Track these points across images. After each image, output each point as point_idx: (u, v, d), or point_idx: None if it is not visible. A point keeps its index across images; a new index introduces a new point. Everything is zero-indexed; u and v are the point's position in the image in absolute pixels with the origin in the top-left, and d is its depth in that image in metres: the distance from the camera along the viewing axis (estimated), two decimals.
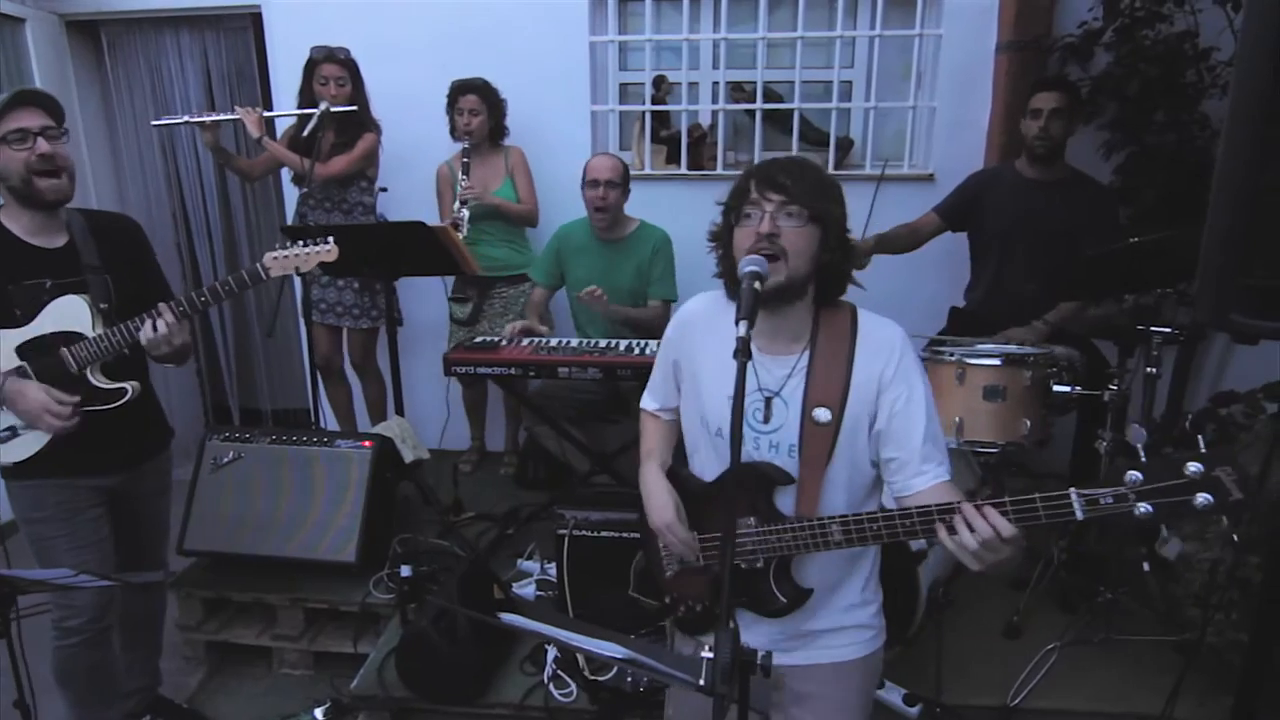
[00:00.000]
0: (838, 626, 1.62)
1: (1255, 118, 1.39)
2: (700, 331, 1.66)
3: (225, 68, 4.47)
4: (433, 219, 3.59)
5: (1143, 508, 1.19)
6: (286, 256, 2.19)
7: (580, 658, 2.39)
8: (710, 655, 1.17)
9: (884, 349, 1.53)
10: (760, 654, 1.22)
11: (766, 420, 1.56)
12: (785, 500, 1.54)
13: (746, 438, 1.55)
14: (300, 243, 2.20)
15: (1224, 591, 2.12)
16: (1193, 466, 1.16)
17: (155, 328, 2.07)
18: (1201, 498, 1.16)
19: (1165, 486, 1.18)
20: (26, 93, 2.07)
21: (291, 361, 4.80)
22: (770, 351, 1.57)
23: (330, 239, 2.21)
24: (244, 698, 2.88)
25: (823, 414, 1.50)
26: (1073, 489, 1.23)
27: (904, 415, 1.50)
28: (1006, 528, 1.26)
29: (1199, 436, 1.22)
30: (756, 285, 1.39)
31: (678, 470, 1.73)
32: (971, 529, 1.28)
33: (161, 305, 2.10)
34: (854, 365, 1.52)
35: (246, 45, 4.38)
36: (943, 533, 1.32)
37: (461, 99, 3.54)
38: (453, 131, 3.59)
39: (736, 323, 1.30)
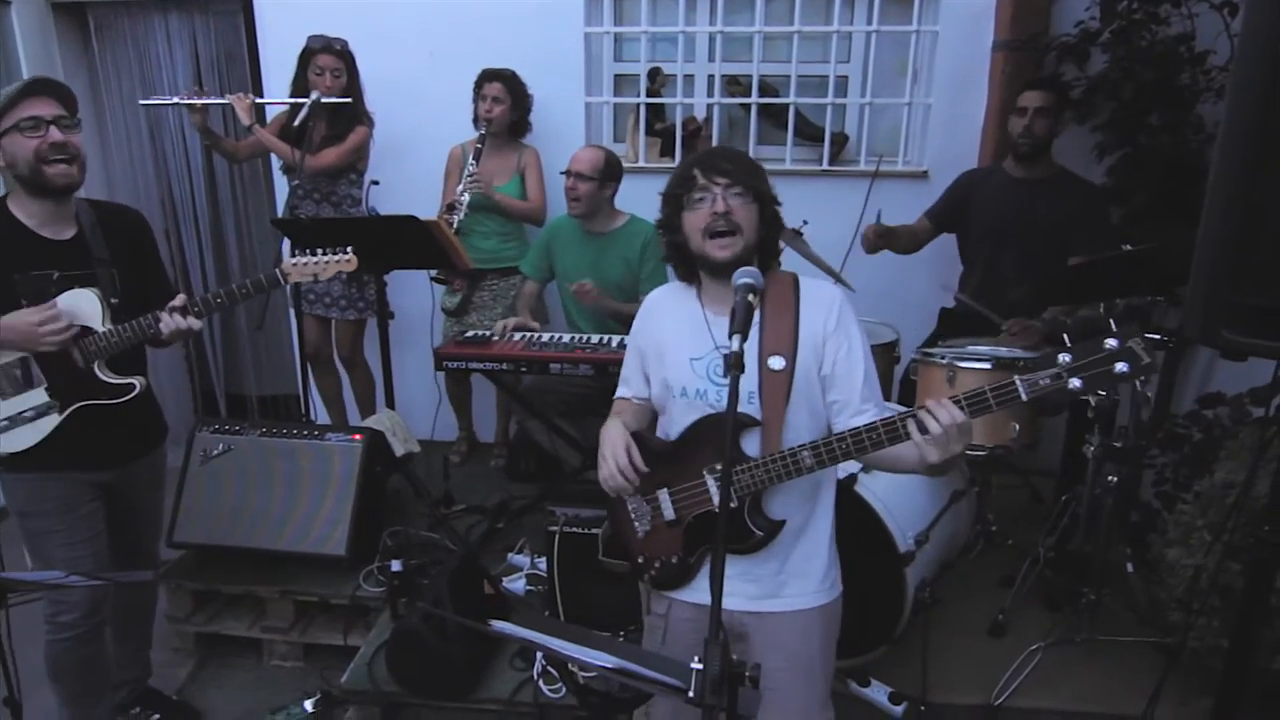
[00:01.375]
0: (802, 573, 1.75)
1: (1248, 137, 1.40)
2: (660, 314, 1.85)
3: (214, 52, 4.41)
4: (425, 209, 3.55)
5: (1074, 382, 1.39)
6: (305, 264, 2.19)
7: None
8: (699, 666, 1.19)
9: (824, 304, 1.71)
10: (749, 665, 1.24)
11: (726, 374, 1.66)
12: (751, 444, 1.67)
13: (709, 392, 1.72)
14: (320, 250, 2.22)
15: (1206, 597, 2.15)
16: (1110, 342, 1.38)
17: (174, 319, 2.08)
18: (1120, 365, 1.37)
19: (1090, 361, 1.39)
20: (41, 81, 2.05)
21: (280, 348, 4.76)
22: (726, 314, 1.65)
23: (349, 248, 2.21)
24: (233, 689, 2.89)
25: (777, 361, 1.66)
26: (1015, 376, 1.43)
27: (846, 361, 1.69)
28: (960, 414, 1.44)
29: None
30: (750, 298, 1.47)
31: (641, 434, 1.84)
32: (936, 418, 1.44)
33: (179, 302, 2.10)
34: (800, 318, 1.70)
35: (236, 30, 4.31)
36: (912, 428, 1.47)
37: (487, 85, 3.52)
38: (475, 119, 3.57)
39: (730, 336, 1.39)
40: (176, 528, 2.97)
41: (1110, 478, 2.58)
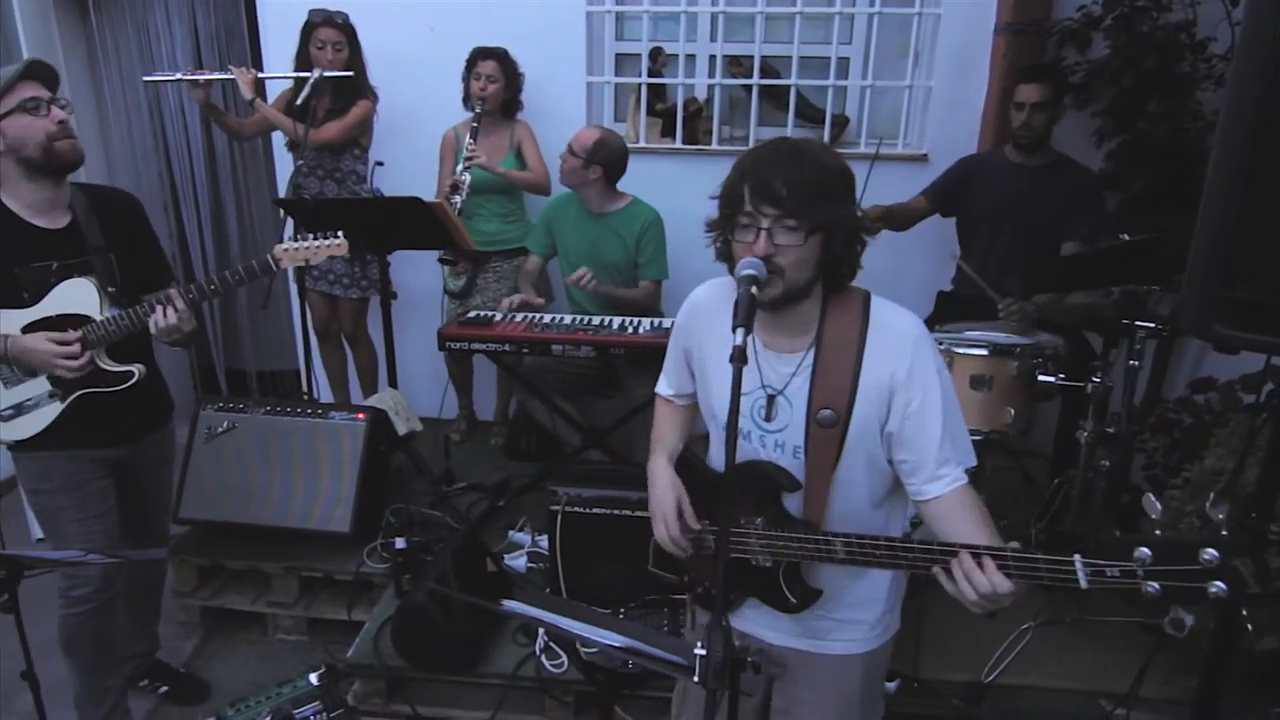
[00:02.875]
0: (854, 620, 1.62)
1: (1246, 134, 1.41)
2: (707, 319, 1.61)
3: (214, 26, 4.38)
4: (426, 185, 3.56)
5: (1151, 587, 1.16)
6: (297, 249, 2.21)
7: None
8: (703, 651, 1.21)
9: (895, 346, 1.45)
10: (751, 652, 1.27)
11: (769, 418, 1.53)
12: (794, 501, 1.51)
13: (752, 435, 1.54)
14: (311, 236, 2.23)
15: None
16: (1209, 553, 1.11)
17: (166, 315, 2.07)
18: (1216, 586, 1.12)
19: (1177, 570, 1.14)
20: (39, 63, 2.05)
21: (280, 324, 4.77)
22: (774, 348, 1.53)
23: (340, 233, 2.23)
24: (239, 662, 2.95)
25: (828, 415, 1.45)
26: (1077, 555, 1.21)
27: (918, 418, 1.43)
28: (1004, 584, 1.24)
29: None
30: (753, 290, 1.33)
31: (693, 457, 1.70)
32: (971, 583, 1.26)
33: (171, 292, 2.11)
34: (863, 365, 1.45)
35: (235, 3, 4.29)
36: (942, 577, 1.30)
37: (480, 64, 3.50)
38: (466, 98, 3.55)
39: (734, 330, 1.24)
40: (182, 504, 3.01)
41: (1103, 462, 2.62)
